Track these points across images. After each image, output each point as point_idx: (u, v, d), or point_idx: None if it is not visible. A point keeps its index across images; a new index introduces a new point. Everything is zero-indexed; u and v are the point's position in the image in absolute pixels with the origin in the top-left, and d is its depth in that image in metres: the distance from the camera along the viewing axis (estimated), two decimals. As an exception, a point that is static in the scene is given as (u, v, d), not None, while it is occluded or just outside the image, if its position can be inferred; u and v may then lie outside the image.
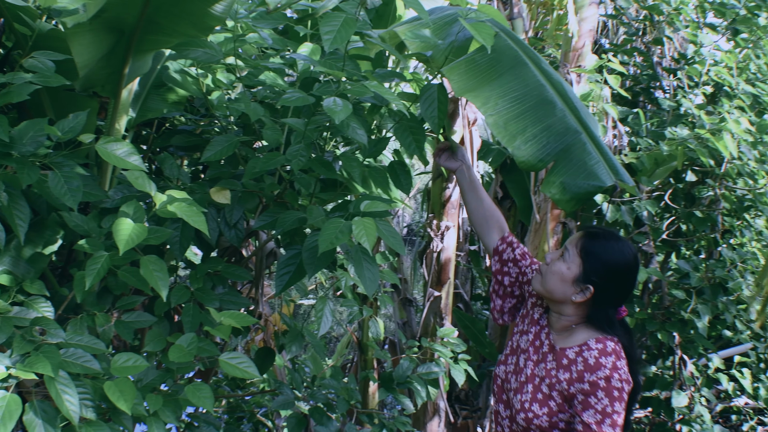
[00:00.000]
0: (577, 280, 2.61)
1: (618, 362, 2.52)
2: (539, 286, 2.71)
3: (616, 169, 2.93)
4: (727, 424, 6.26)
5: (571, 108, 2.99)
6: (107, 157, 2.54)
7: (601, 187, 2.89)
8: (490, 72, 2.97)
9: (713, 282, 5.25)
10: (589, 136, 2.95)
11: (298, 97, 2.71)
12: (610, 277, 2.60)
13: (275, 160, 2.84)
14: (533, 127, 2.91)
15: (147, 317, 2.79)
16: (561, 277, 2.63)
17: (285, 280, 2.83)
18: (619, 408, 2.49)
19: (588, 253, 2.62)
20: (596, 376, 2.50)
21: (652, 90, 6.18)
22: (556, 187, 2.89)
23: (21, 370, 2.24)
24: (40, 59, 2.63)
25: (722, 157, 5.23)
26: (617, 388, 2.49)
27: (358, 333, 5.15)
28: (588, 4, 5.25)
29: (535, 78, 3.01)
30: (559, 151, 2.89)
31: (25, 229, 2.46)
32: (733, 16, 5.76)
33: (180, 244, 2.84)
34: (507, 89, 2.96)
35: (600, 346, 2.56)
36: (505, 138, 2.91)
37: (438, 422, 5.09)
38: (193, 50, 2.94)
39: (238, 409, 5.25)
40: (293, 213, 2.85)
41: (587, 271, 2.60)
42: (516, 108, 2.93)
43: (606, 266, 2.60)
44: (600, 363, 2.52)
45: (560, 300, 2.66)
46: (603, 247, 2.63)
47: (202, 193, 2.91)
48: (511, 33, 3.22)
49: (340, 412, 3.50)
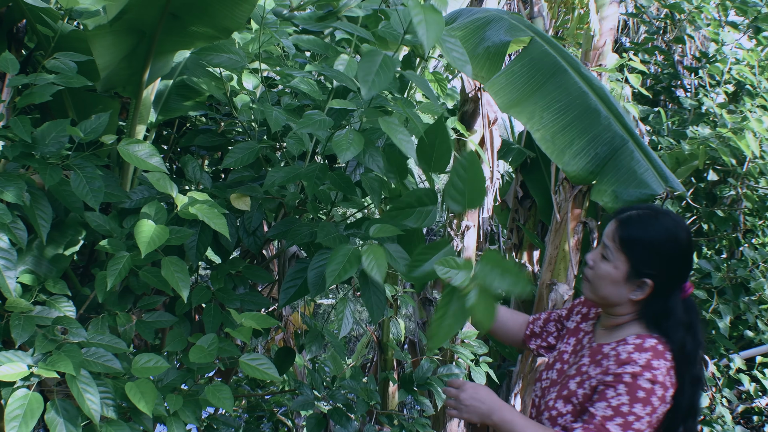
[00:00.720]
0: (630, 278, 2.32)
1: (654, 361, 2.23)
2: (590, 294, 2.43)
3: (665, 176, 2.89)
4: (749, 425, 6.21)
5: (615, 115, 2.94)
6: (128, 158, 2.55)
7: (653, 195, 2.81)
8: (530, 83, 2.92)
9: (735, 282, 5.22)
10: (636, 143, 2.92)
11: (317, 121, 2.58)
12: (664, 263, 2.31)
13: (294, 175, 2.75)
14: (580, 139, 2.85)
15: (168, 317, 2.80)
16: (611, 280, 2.34)
17: (290, 294, 2.78)
18: (640, 411, 2.20)
19: (629, 244, 2.32)
20: (623, 369, 2.23)
21: (674, 89, 6.16)
22: (608, 195, 2.82)
23: (43, 368, 2.25)
24: (63, 60, 2.64)
25: (744, 156, 5.19)
26: (644, 388, 2.21)
27: (378, 333, 5.14)
28: (609, 2, 5.22)
29: (576, 85, 2.97)
30: (609, 161, 2.83)
31: (48, 230, 2.48)
32: (755, 14, 5.72)
33: (197, 249, 2.82)
34: (550, 100, 2.90)
35: (638, 342, 2.28)
36: (554, 153, 2.85)
37: (457, 423, 5.08)
38: (217, 55, 2.91)
39: (258, 408, 5.26)
40: (306, 226, 2.81)
41: (636, 265, 2.31)
42: (561, 119, 2.87)
43: (656, 254, 2.30)
44: (632, 358, 2.24)
45: (616, 303, 2.38)
46: (644, 231, 2.32)
47: (223, 198, 2.90)
48: (545, 36, 3.18)
49: (360, 413, 3.50)
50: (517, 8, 6.33)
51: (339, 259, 2.44)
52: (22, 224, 2.42)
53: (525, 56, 3.05)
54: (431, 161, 2.63)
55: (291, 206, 3.04)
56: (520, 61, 2.94)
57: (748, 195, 5.41)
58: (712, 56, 5.70)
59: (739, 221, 5.49)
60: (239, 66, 2.92)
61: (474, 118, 4.86)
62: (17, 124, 2.44)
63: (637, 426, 2.20)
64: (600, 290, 2.38)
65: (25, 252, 2.65)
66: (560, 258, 4.66)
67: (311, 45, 3.04)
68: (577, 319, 2.63)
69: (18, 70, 2.60)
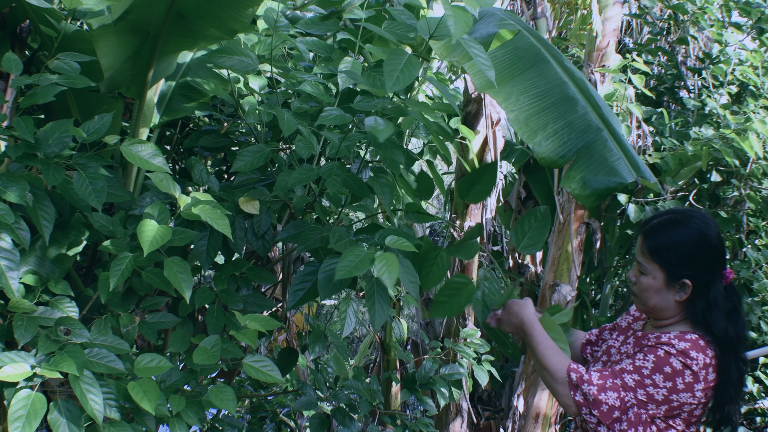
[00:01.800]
0: (669, 283, 2.43)
1: (692, 352, 2.33)
2: (642, 307, 2.54)
3: (637, 166, 2.90)
4: (752, 426, 6.21)
5: (593, 105, 2.96)
6: (132, 158, 2.55)
7: (622, 183, 2.83)
8: (511, 69, 2.95)
9: (738, 283, 5.21)
10: (610, 133, 2.92)
11: (337, 115, 2.63)
12: (696, 261, 2.40)
13: (309, 175, 2.75)
14: (554, 123, 2.87)
15: (171, 318, 2.80)
16: (654, 290, 2.45)
17: (299, 297, 2.78)
18: (659, 381, 2.31)
19: (658, 253, 2.43)
20: (659, 345, 2.35)
21: (677, 90, 6.15)
22: (576, 182, 2.84)
23: (46, 369, 2.25)
24: (66, 60, 2.64)
25: (747, 157, 5.18)
26: (674, 367, 2.31)
27: (381, 333, 5.14)
28: (612, 3, 5.21)
29: (557, 75, 2.99)
30: (580, 147, 2.85)
31: (50, 230, 2.47)
32: (758, 15, 5.71)
33: (207, 254, 2.82)
34: (529, 86, 2.92)
35: (680, 334, 2.39)
36: (525, 134, 2.87)
37: (461, 423, 5.08)
38: (228, 58, 2.89)
39: (261, 408, 5.27)
40: (317, 230, 2.81)
41: (671, 270, 2.41)
42: (537, 104, 2.89)
43: (685, 255, 2.41)
44: (671, 341, 2.35)
45: (666, 308, 2.46)
46: (668, 236, 2.43)
47: (231, 202, 2.89)
48: (534, 31, 3.20)
49: (363, 413, 3.50)
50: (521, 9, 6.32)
51: (351, 257, 2.48)
52: (25, 225, 2.42)
53: (509, 45, 3.08)
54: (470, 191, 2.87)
55: (299, 209, 3.03)
56: (503, 49, 2.95)
57: (751, 196, 5.40)
58: (715, 57, 5.69)
59: (742, 222, 5.49)
60: (251, 69, 2.92)
61: (477, 118, 4.86)
62: (20, 125, 2.43)
63: (652, 392, 2.31)
64: (648, 302, 2.48)
65: (28, 252, 2.64)
66: (563, 259, 4.66)
67: (315, 47, 3.05)
68: (629, 319, 2.71)
69: (21, 71, 2.60)
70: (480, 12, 3.10)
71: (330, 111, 2.66)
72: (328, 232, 2.76)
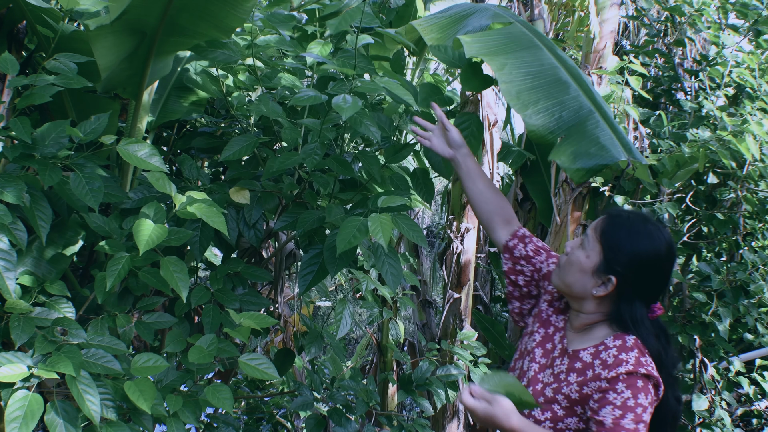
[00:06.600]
0: (597, 271, 2.28)
1: (642, 358, 2.19)
2: (557, 279, 2.40)
3: (629, 147, 2.83)
4: (748, 428, 6.21)
5: (585, 91, 2.93)
6: (128, 158, 2.55)
7: (613, 160, 2.76)
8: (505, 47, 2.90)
9: (735, 285, 5.21)
10: (603, 116, 2.87)
11: (310, 96, 2.72)
12: (635, 267, 2.25)
13: (293, 159, 2.83)
14: (546, 101, 2.80)
15: (167, 318, 2.80)
16: (579, 268, 2.31)
17: (308, 280, 2.85)
18: (644, 401, 2.15)
19: (609, 239, 2.29)
20: (616, 371, 2.18)
21: (674, 92, 6.15)
22: (566, 156, 2.75)
23: (43, 369, 2.25)
24: (63, 61, 2.65)
25: (744, 159, 5.18)
26: (642, 381, 2.17)
27: (378, 335, 5.15)
28: (609, 5, 5.23)
29: (550, 60, 2.96)
30: (572, 125, 2.77)
31: (47, 230, 2.48)
32: (755, 17, 5.71)
33: (200, 245, 2.86)
34: (521, 63, 2.86)
35: (618, 343, 2.24)
36: (517, 105, 2.79)
37: (457, 424, 5.08)
38: (212, 51, 2.97)
39: (258, 409, 5.26)
40: (313, 213, 2.86)
41: (608, 260, 2.27)
42: (530, 81, 2.83)
43: (631, 254, 2.26)
44: (620, 359, 2.19)
45: (580, 295, 2.33)
46: (627, 231, 2.29)
47: (222, 194, 2.92)
48: (527, 24, 3.20)
49: (359, 414, 3.50)
50: (518, 11, 6.34)
51: (348, 229, 2.58)
52: (22, 225, 2.42)
53: (503, 30, 3.05)
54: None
55: (288, 197, 3.07)
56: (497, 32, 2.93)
57: (748, 198, 5.41)
58: (712, 59, 5.69)
59: (738, 224, 5.48)
60: (234, 60, 3.00)
61: (474, 120, 4.86)
62: (17, 125, 2.44)
63: (646, 417, 2.16)
64: (567, 276, 2.35)
65: (25, 253, 2.65)
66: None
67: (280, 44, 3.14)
68: (549, 310, 2.55)
69: (18, 71, 2.61)
70: (472, 7, 3.12)
71: (305, 92, 2.74)
72: (323, 214, 2.83)
